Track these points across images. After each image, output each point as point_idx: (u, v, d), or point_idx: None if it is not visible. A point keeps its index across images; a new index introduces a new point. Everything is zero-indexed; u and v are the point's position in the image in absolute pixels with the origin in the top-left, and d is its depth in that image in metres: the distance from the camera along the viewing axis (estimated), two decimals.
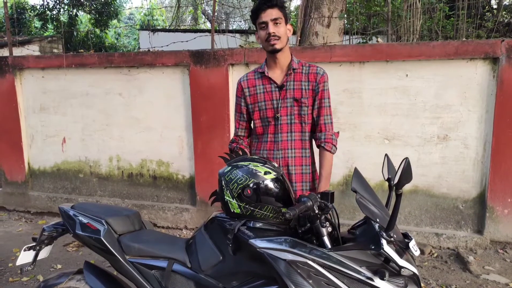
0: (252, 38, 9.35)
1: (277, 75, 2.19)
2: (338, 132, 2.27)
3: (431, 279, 3.30)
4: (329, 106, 2.21)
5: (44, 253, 2.14)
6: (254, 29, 2.24)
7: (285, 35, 2.10)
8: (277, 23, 2.05)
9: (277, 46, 2.08)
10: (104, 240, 1.88)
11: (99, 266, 2.14)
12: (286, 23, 2.12)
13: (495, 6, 7.55)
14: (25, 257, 2.06)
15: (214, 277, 1.75)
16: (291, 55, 2.20)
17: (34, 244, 2.07)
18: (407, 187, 3.89)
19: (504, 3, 6.98)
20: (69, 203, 2.63)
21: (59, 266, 3.56)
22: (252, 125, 2.35)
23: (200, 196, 4.41)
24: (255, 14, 2.10)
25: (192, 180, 4.48)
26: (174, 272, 1.82)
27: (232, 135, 4.21)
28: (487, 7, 7.38)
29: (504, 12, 7.18)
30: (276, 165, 1.82)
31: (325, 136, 2.17)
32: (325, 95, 2.18)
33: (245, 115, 2.31)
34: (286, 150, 2.20)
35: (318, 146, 2.21)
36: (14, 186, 5.15)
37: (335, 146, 2.18)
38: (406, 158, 1.48)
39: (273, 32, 2.04)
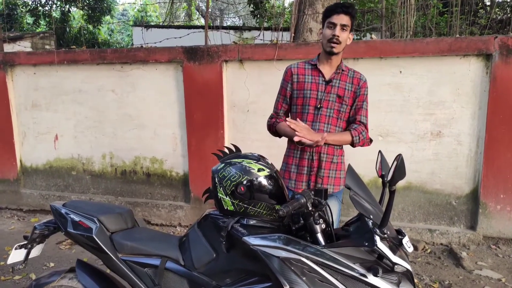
0: (246, 34, 9.31)
1: (326, 70, 2.35)
2: (371, 140, 2.42)
3: (424, 275, 3.32)
4: (367, 109, 2.40)
5: (36, 251, 2.12)
6: (249, 25, 2.27)
7: (345, 42, 2.27)
8: (344, 29, 2.23)
9: (335, 50, 2.25)
10: (96, 238, 1.86)
11: (92, 264, 2.12)
12: (351, 31, 2.30)
13: (488, 3, 7.59)
14: (16, 255, 2.04)
15: (208, 274, 1.74)
16: (341, 59, 2.39)
17: (25, 242, 2.05)
18: (400, 183, 3.90)
19: (497, 0, 7.01)
20: (61, 200, 2.61)
21: (51, 264, 3.53)
22: (291, 109, 2.46)
23: (194, 193, 4.39)
24: (329, 13, 2.25)
25: (186, 177, 4.46)
26: (167, 270, 1.81)
27: (226, 132, 4.22)
28: (480, 4, 7.41)
29: (497, 9, 7.22)
30: (270, 162, 1.81)
31: (357, 126, 2.34)
32: (364, 99, 2.38)
33: (288, 99, 2.44)
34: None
35: (346, 130, 2.36)
36: (6, 184, 5.10)
37: (359, 138, 2.31)
38: (400, 155, 1.47)
39: (338, 36, 2.21)
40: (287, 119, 2.15)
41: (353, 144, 2.33)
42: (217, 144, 4.15)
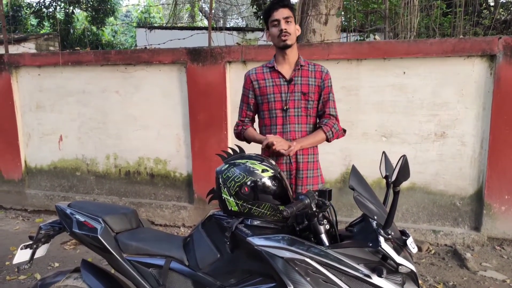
0: (250, 35, 9.32)
1: (285, 70, 2.32)
2: (344, 130, 2.38)
3: (428, 276, 3.31)
4: (334, 100, 2.36)
5: (41, 251, 2.13)
6: (252, 26, 2.28)
7: (294, 33, 2.25)
8: (288, 21, 2.21)
9: (288, 42, 2.22)
10: (101, 238, 1.88)
11: (97, 264, 2.13)
12: (295, 22, 2.28)
13: (492, 4, 7.57)
14: (22, 255, 2.05)
15: (212, 275, 1.75)
16: (298, 54, 2.35)
17: (31, 242, 2.07)
18: (404, 184, 3.89)
19: (501, 1, 6.99)
20: (66, 201, 2.62)
21: (56, 265, 3.55)
22: (259, 116, 2.45)
23: (198, 194, 4.40)
24: (268, 13, 2.25)
25: (190, 178, 4.47)
26: (171, 270, 1.82)
27: (229, 133, 4.23)
28: (484, 5, 7.39)
29: (501, 9, 7.19)
30: (274, 162, 1.82)
31: (326, 121, 2.30)
32: (330, 90, 2.35)
33: (251, 106, 2.42)
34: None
35: (317, 127, 2.32)
36: (11, 185, 5.13)
37: (332, 132, 2.28)
38: (404, 156, 1.48)
39: (285, 29, 2.19)
40: (268, 138, 2.12)
41: (328, 140, 2.31)
42: (221, 145, 4.16)
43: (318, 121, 2.37)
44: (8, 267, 3.50)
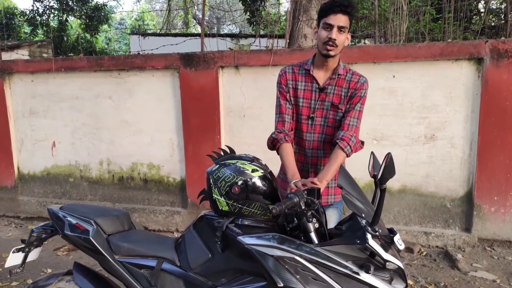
0: (243, 41, 9.38)
1: (321, 75, 2.15)
2: (362, 142, 2.16)
3: (420, 277, 3.34)
4: (360, 111, 2.13)
5: (33, 255, 2.13)
6: (245, 33, 2.26)
7: (343, 44, 2.06)
8: (341, 31, 2.00)
9: (332, 53, 2.04)
10: (93, 240, 1.89)
11: (89, 267, 2.14)
12: (348, 32, 2.08)
13: (482, 10, 7.69)
14: (14, 259, 2.05)
15: (203, 275, 1.76)
16: (339, 60, 2.16)
17: (23, 246, 2.07)
18: (395, 186, 3.94)
19: (490, 7, 7.11)
20: None
21: (49, 270, 3.53)
22: None
23: (191, 199, 4.41)
24: (325, 12, 2.01)
25: (183, 183, 4.49)
26: (163, 271, 1.83)
27: (223, 137, 4.25)
28: (474, 11, 7.51)
29: (491, 15, 7.31)
30: (264, 163, 1.84)
31: (343, 134, 2.05)
32: (359, 100, 2.13)
33: (292, 101, 2.19)
34: (316, 150, 2.19)
35: (334, 143, 2.08)
36: (4, 191, 5.10)
37: (350, 147, 2.03)
38: (389, 153, 1.51)
39: (335, 39, 1.99)
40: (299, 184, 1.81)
41: (347, 155, 2.07)
42: (214, 149, 4.16)
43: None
44: (1, 273, 3.48)
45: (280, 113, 2.19)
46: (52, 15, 13.08)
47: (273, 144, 2.14)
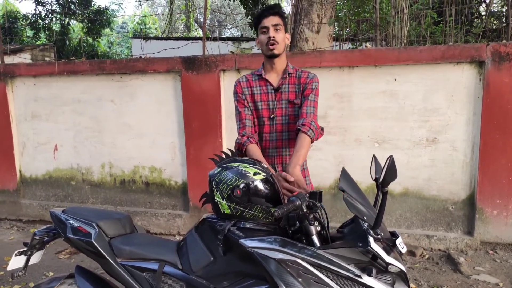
0: (244, 45, 9.42)
1: (273, 78, 2.32)
2: (322, 128, 2.25)
3: (422, 280, 3.33)
4: (314, 101, 2.25)
5: (35, 258, 2.14)
6: (247, 36, 2.31)
7: (283, 41, 2.23)
8: (277, 29, 2.19)
9: (276, 51, 2.21)
10: (95, 243, 1.89)
11: (91, 270, 2.14)
12: (285, 31, 2.26)
13: (483, 13, 7.69)
14: (16, 262, 2.06)
15: (205, 278, 1.76)
16: (287, 61, 2.34)
17: (25, 249, 2.07)
18: (397, 189, 3.94)
19: (492, 10, 7.11)
20: None
21: (51, 274, 3.53)
22: None
23: (193, 202, 4.41)
24: (258, 19, 2.24)
25: (185, 186, 4.49)
26: (165, 274, 1.83)
27: (224, 140, 4.26)
28: (475, 14, 7.52)
29: (492, 18, 7.31)
30: (266, 166, 1.85)
31: (303, 120, 2.16)
32: (312, 92, 2.25)
33: (250, 108, 2.32)
34: (281, 148, 2.29)
35: (296, 131, 2.17)
36: (6, 195, 5.12)
37: (312, 130, 2.12)
38: (390, 156, 1.51)
39: (273, 37, 2.17)
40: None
41: (311, 140, 2.14)
42: (216, 152, 4.15)
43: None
44: (2, 276, 3.48)
45: (240, 120, 2.33)
46: (54, 19, 13.14)
47: (239, 149, 2.26)
